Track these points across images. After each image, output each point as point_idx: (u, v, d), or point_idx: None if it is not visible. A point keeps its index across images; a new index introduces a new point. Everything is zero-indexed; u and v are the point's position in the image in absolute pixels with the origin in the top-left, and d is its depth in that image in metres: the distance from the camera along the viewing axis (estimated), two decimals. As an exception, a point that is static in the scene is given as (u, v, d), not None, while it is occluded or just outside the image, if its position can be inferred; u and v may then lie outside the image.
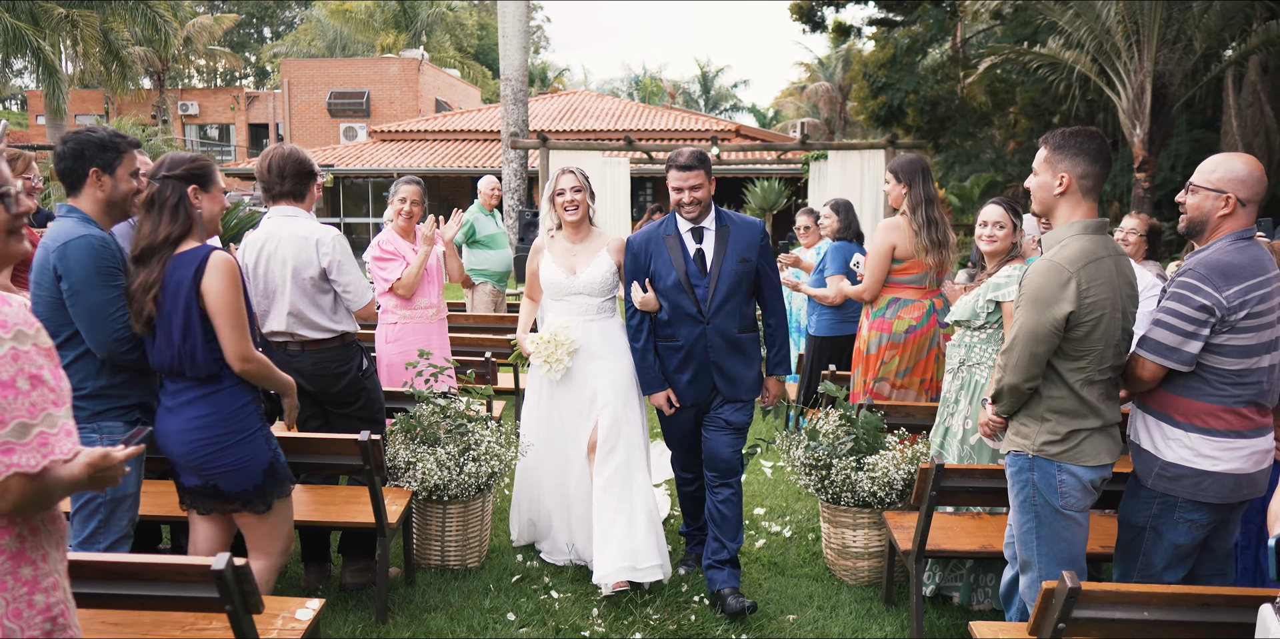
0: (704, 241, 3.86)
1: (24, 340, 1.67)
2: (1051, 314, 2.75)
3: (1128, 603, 2.36)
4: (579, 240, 4.12)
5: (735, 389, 3.89)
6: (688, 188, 3.80)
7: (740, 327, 3.86)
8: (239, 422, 2.87)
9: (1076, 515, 2.87)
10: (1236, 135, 16.71)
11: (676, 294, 3.84)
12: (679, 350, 3.88)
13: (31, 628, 1.72)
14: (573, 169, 4.08)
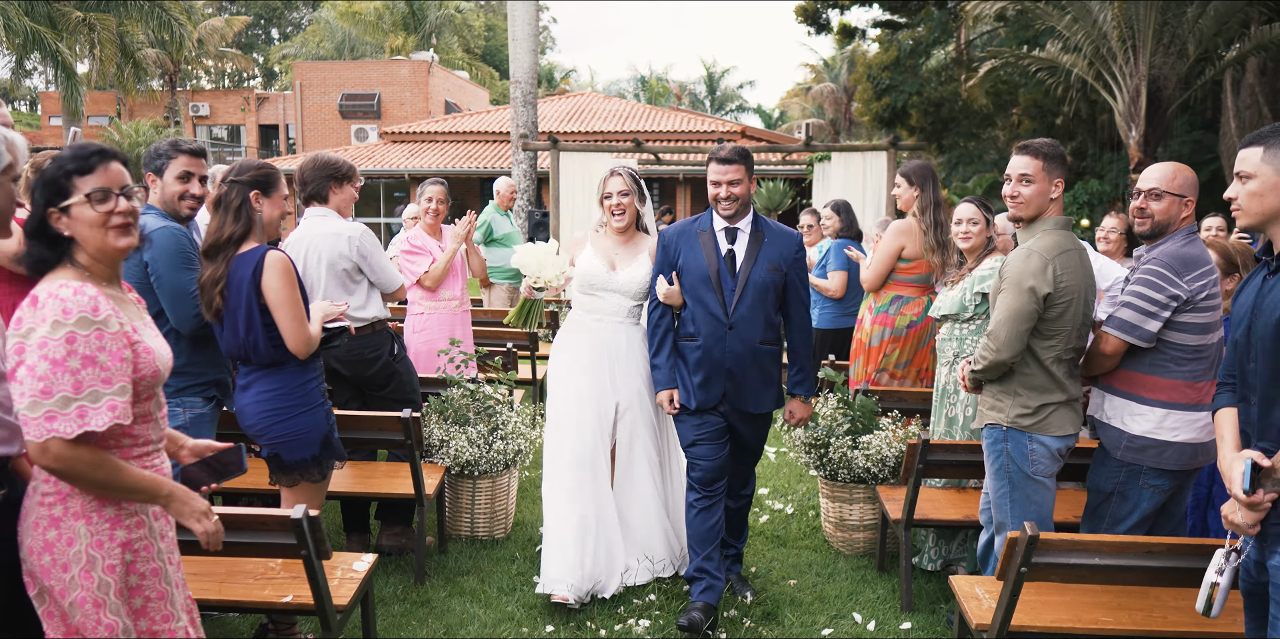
0: (736, 243, 3.74)
1: (86, 326, 2.00)
2: (1033, 295, 3.12)
3: (1080, 550, 2.72)
4: (624, 242, 4.03)
5: (745, 403, 3.75)
6: (726, 182, 3.67)
7: (763, 337, 3.73)
8: (302, 396, 3.22)
9: (1045, 481, 3.23)
10: (1235, 136, 16.99)
11: (703, 290, 3.71)
12: (697, 350, 3.73)
13: (110, 557, 2.09)
14: (620, 171, 3.96)
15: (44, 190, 2.07)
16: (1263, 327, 2.31)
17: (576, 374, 4.01)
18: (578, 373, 4.01)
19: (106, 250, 2.12)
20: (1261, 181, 2.31)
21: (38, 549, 2.07)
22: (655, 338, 3.86)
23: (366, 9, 39.36)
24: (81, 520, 2.07)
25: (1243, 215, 2.39)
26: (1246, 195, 2.35)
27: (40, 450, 1.97)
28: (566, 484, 3.95)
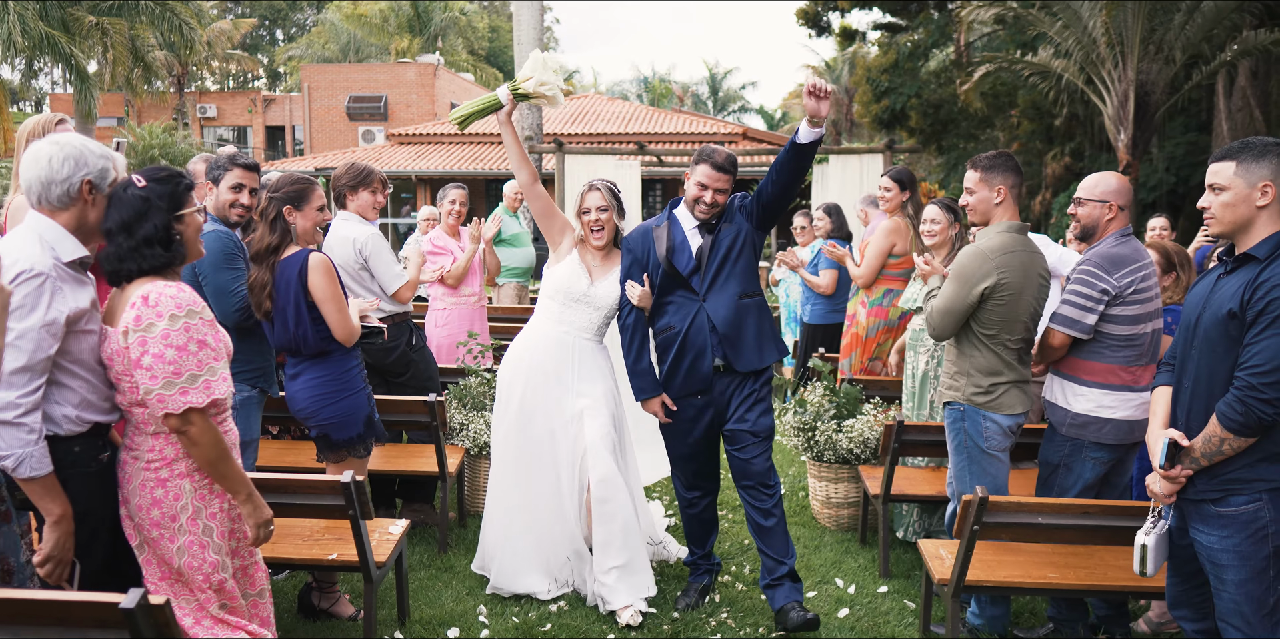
0: (708, 238, 3.76)
1: (194, 316, 2.46)
2: (969, 290, 3.53)
3: (1025, 511, 3.13)
4: (604, 258, 4.02)
5: (744, 356, 3.70)
6: (714, 189, 3.64)
7: (741, 291, 3.70)
8: (347, 381, 3.63)
9: (999, 455, 3.64)
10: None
11: (671, 284, 3.73)
12: (676, 337, 3.72)
13: (211, 506, 2.56)
14: (599, 185, 3.93)
15: (169, 203, 2.51)
16: (1209, 319, 2.70)
17: (536, 383, 3.94)
18: (538, 381, 3.94)
19: (194, 252, 2.58)
20: (1234, 194, 2.66)
21: (145, 505, 2.50)
22: (633, 345, 3.80)
23: (372, 11, 39.81)
24: (186, 479, 2.50)
25: (1216, 223, 2.72)
26: (1220, 206, 2.69)
27: (181, 420, 2.40)
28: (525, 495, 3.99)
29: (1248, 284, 2.57)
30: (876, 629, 3.80)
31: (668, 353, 3.76)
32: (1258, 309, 2.52)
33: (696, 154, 3.70)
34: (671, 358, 3.74)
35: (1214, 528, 2.62)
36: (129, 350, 2.42)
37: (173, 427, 2.43)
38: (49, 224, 2.49)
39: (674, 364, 3.74)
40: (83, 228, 2.53)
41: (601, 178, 3.97)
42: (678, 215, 3.79)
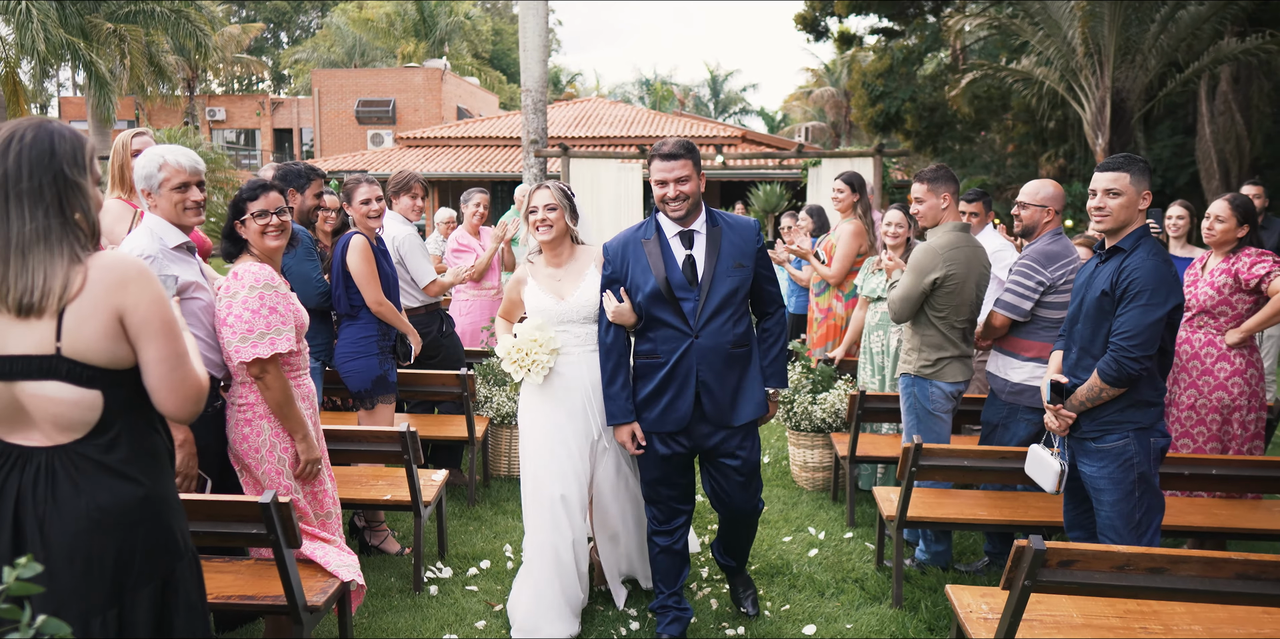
0: (694, 247, 3.45)
1: (269, 288, 3.17)
2: (923, 280, 4.24)
3: (954, 456, 3.84)
4: (561, 263, 3.67)
5: (729, 415, 3.46)
6: (673, 181, 3.37)
7: (734, 341, 3.43)
8: (362, 346, 4.45)
9: (943, 416, 4.35)
10: (1209, 141, 18.11)
11: (657, 305, 3.41)
12: (659, 368, 3.44)
13: (283, 442, 3.24)
14: (549, 184, 3.66)
15: (230, 209, 3.22)
16: (1088, 300, 3.41)
17: (548, 412, 3.67)
18: (549, 411, 3.67)
19: (263, 248, 3.28)
20: (1127, 198, 3.34)
21: (239, 440, 3.21)
22: (609, 365, 3.52)
23: (378, 16, 40.54)
24: (265, 420, 3.21)
25: (1110, 221, 3.36)
26: (1118, 207, 3.34)
27: (258, 368, 3.11)
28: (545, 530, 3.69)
29: (1116, 270, 3.28)
30: (840, 565, 4.50)
31: (645, 382, 3.48)
32: (1123, 288, 3.23)
33: (649, 154, 3.46)
34: (650, 390, 3.47)
35: (1094, 461, 3.33)
36: (219, 310, 3.14)
37: (252, 374, 3.13)
38: (156, 218, 3.22)
39: (651, 398, 3.48)
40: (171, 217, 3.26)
41: (555, 180, 3.72)
42: (662, 225, 3.50)
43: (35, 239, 1.91)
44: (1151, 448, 3.26)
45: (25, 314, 1.90)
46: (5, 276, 1.90)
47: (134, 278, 1.98)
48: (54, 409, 1.94)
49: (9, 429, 1.97)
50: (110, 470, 1.97)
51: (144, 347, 1.98)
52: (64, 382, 1.92)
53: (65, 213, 1.96)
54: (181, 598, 2.10)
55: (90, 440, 1.97)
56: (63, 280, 1.91)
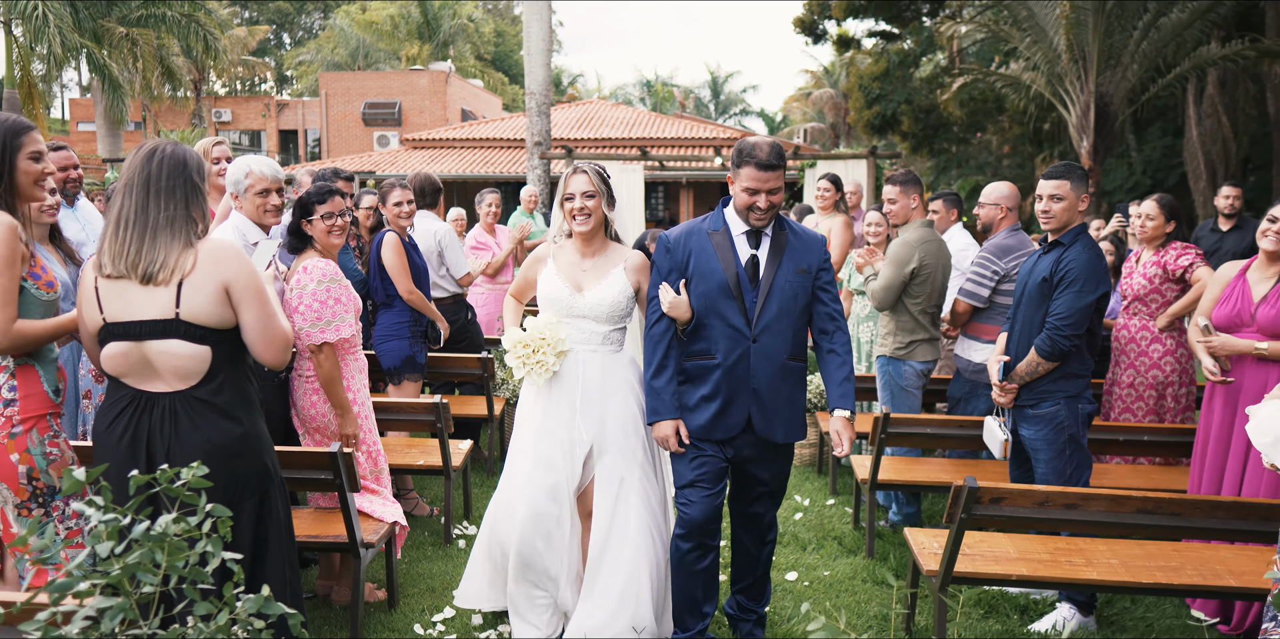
0: (760, 248, 3.29)
1: (334, 282, 3.72)
2: (902, 270, 4.79)
3: (918, 424, 4.39)
4: (591, 254, 3.47)
5: (773, 429, 3.27)
6: (765, 191, 3.16)
7: (790, 352, 3.26)
8: (394, 330, 5.01)
9: (914, 391, 4.90)
10: (1197, 143, 18.65)
11: (721, 300, 3.22)
12: (713, 370, 3.23)
13: None
14: (586, 168, 3.40)
15: (297, 209, 3.77)
16: (1030, 286, 3.95)
17: (540, 413, 3.48)
18: (541, 411, 3.48)
19: (327, 244, 3.83)
20: (1069, 202, 3.89)
21: (306, 406, 3.77)
22: (656, 356, 3.30)
23: (382, 18, 41.11)
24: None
25: (1055, 221, 3.90)
26: (1060, 209, 3.88)
27: (317, 349, 3.65)
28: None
29: (1056, 260, 3.83)
30: (821, 526, 5.05)
31: (697, 386, 3.28)
32: (1060, 276, 3.78)
33: (735, 154, 3.22)
34: (703, 394, 3.26)
35: (1032, 425, 3.88)
36: (291, 300, 3.69)
37: (312, 351, 3.69)
38: (241, 217, 3.77)
39: (704, 401, 3.27)
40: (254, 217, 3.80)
41: (591, 162, 3.44)
42: (729, 221, 3.33)
43: (165, 224, 2.47)
44: (1079, 413, 3.81)
45: (147, 282, 2.46)
46: (140, 250, 2.46)
47: (234, 257, 2.54)
48: (174, 362, 2.49)
49: (138, 379, 2.53)
50: (218, 410, 2.53)
51: (243, 310, 2.54)
52: (182, 340, 2.48)
53: (188, 208, 2.52)
54: (273, 513, 2.67)
55: (202, 386, 2.53)
56: (179, 258, 2.47)
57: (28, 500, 2.65)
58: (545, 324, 3.37)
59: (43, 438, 2.64)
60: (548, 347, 3.35)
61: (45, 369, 2.70)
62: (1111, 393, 5.01)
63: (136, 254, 2.44)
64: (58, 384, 2.73)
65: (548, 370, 3.36)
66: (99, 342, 2.52)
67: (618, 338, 3.48)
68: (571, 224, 3.40)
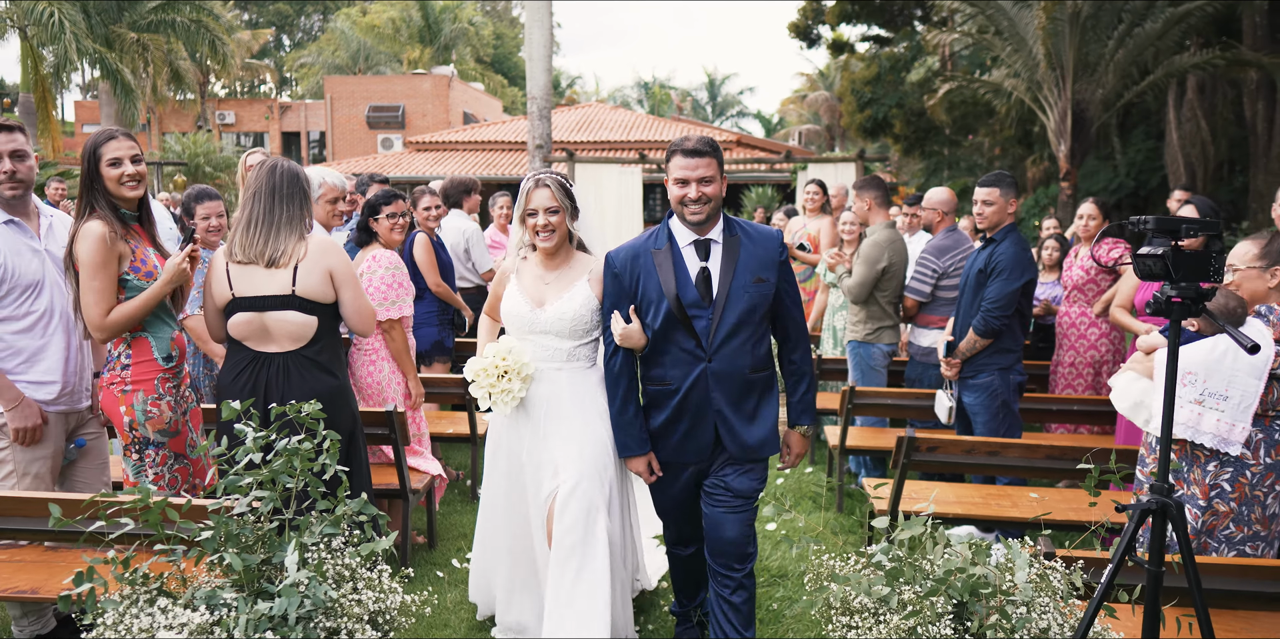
0: (710, 258, 3.11)
1: (398, 270, 4.42)
2: (875, 268, 5.49)
3: (878, 397, 5.10)
4: (555, 267, 3.31)
5: (744, 447, 3.12)
6: (695, 180, 3.02)
7: (752, 364, 3.10)
8: (426, 316, 5.66)
9: (880, 370, 5.61)
10: (1176, 147, 19.38)
11: (668, 326, 3.09)
12: (672, 396, 3.13)
13: (397, 376, 4.49)
14: (548, 181, 3.22)
15: (366, 209, 4.47)
16: (970, 277, 4.66)
17: (508, 440, 3.38)
18: (508, 439, 3.38)
19: (389, 240, 4.55)
20: (998, 205, 4.60)
21: (365, 375, 4.47)
22: (619, 390, 3.19)
23: (383, 21, 41.78)
24: (385, 362, 4.47)
25: (986, 222, 4.62)
26: (991, 212, 4.60)
27: (388, 324, 4.36)
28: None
29: (989, 254, 4.54)
30: (800, 488, 5.76)
31: (659, 412, 3.18)
32: (992, 267, 4.49)
33: (668, 149, 3.12)
34: (664, 420, 3.17)
35: (971, 393, 4.59)
36: (361, 284, 4.39)
37: (384, 329, 4.39)
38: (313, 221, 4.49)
39: (666, 427, 3.18)
40: (323, 220, 4.51)
41: (549, 171, 3.27)
42: (675, 233, 3.16)
43: (285, 222, 3.18)
44: (1011, 383, 4.53)
45: (270, 266, 3.16)
46: (266, 242, 3.16)
47: (335, 250, 3.26)
48: (289, 328, 3.19)
49: (257, 342, 3.23)
50: (320, 367, 3.23)
51: (342, 290, 3.24)
52: (296, 311, 3.18)
53: (301, 210, 3.23)
54: (357, 450, 3.38)
55: (309, 348, 3.23)
56: (295, 248, 3.17)
57: (129, 445, 3.34)
58: (505, 348, 3.20)
59: (147, 398, 3.31)
60: (513, 372, 3.17)
61: (158, 341, 3.37)
62: (1056, 372, 5.72)
63: (264, 245, 3.14)
64: (170, 352, 3.39)
65: (514, 398, 3.18)
66: (224, 314, 3.23)
67: (585, 354, 3.30)
68: (535, 240, 3.25)
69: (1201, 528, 3.13)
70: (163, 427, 3.31)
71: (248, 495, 2.50)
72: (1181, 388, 3.07)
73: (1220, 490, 3.11)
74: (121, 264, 3.22)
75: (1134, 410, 3.34)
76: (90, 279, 3.14)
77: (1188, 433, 3.09)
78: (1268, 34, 16.54)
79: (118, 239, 3.20)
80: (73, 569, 3.17)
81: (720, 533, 3.16)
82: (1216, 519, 3.12)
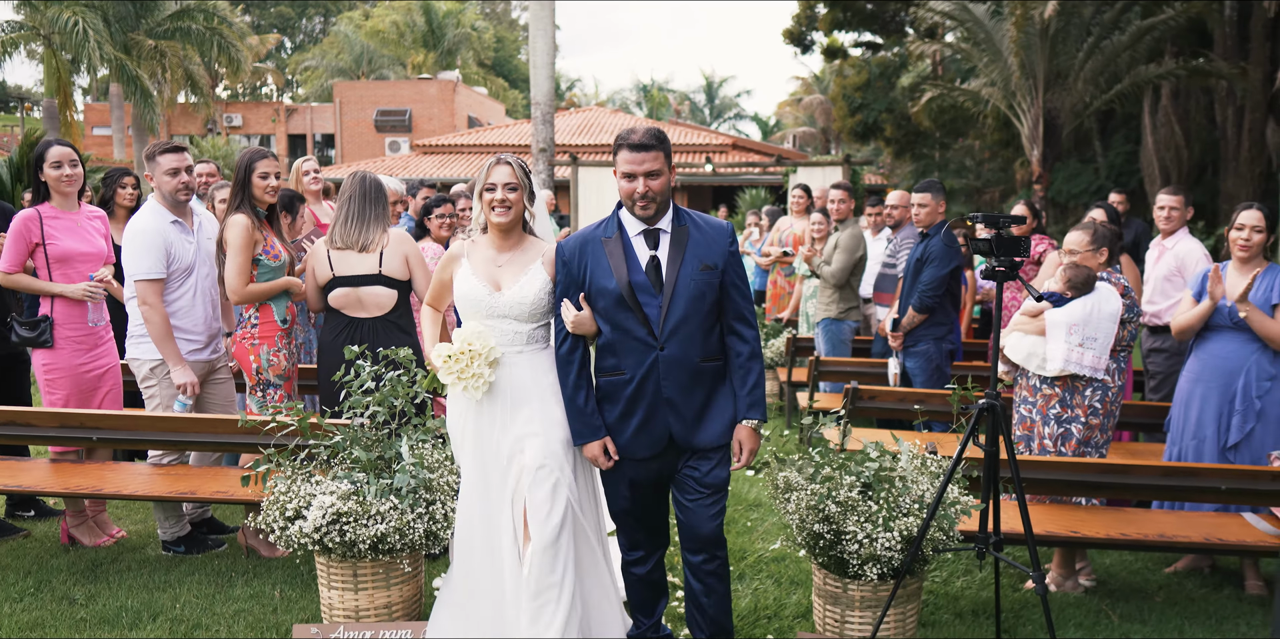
0: (660, 247, 3.14)
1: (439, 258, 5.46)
2: (854, 255, 6.55)
3: (840, 365, 6.15)
4: (508, 248, 3.31)
5: (695, 436, 3.15)
6: (642, 174, 3.04)
7: (702, 354, 3.13)
8: None
9: (848, 343, 6.67)
10: (1151, 151, 20.43)
11: (619, 313, 3.11)
12: (625, 385, 3.14)
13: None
14: (510, 160, 3.27)
15: (421, 210, 5.51)
16: (910, 265, 5.71)
17: (473, 428, 3.31)
18: (474, 427, 3.31)
19: (439, 236, 5.58)
20: (930, 208, 5.66)
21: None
22: (570, 377, 3.20)
23: (387, 26, 42.77)
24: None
25: (922, 222, 5.71)
26: (925, 214, 5.68)
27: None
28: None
29: (925, 247, 5.59)
30: (779, 448, 6.78)
31: (613, 403, 3.19)
32: (926, 257, 5.54)
33: (615, 141, 3.13)
34: (620, 412, 3.18)
35: (911, 359, 5.65)
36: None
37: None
38: None
39: (622, 419, 3.18)
40: None
41: (512, 154, 3.34)
42: (624, 222, 3.19)
43: (374, 218, 4.22)
44: (943, 350, 5.58)
45: (362, 251, 4.19)
46: (360, 233, 4.19)
47: (408, 240, 4.30)
48: (377, 300, 4.23)
49: (353, 310, 4.25)
50: (400, 329, 4.27)
51: (415, 271, 4.28)
52: (382, 286, 4.21)
53: (384, 209, 4.27)
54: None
55: (391, 314, 4.26)
56: (380, 237, 4.21)
57: (255, 386, 4.39)
58: (472, 334, 3.20)
59: (270, 350, 4.37)
60: (480, 358, 3.18)
61: (277, 306, 4.41)
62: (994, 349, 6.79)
63: (358, 235, 4.18)
64: (285, 316, 4.44)
65: (485, 383, 3.19)
66: (324, 290, 4.26)
67: (542, 335, 3.32)
68: (490, 215, 3.25)
69: (1082, 439, 4.16)
70: (280, 372, 4.36)
71: (365, 412, 3.54)
72: (1069, 336, 4.11)
73: (1093, 409, 4.15)
74: (255, 248, 4.27)
75: (1028, 359, 4.35)
76: (235, 257, 4.20)
77: (1074, 367, 4.09)
78: (1237, 43, 17.54)
79: (255, 229, 4.24)
80: (213, 480, 4.24)
81: (694, 524, 3.18)
82: (1091, 431, 4.16)
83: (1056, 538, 3.86)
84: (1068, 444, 4.18)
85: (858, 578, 3.37)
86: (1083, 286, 4.13)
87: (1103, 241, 4.13)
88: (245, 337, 4.35)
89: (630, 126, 3.22)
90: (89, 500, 4.54)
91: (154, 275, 4.26)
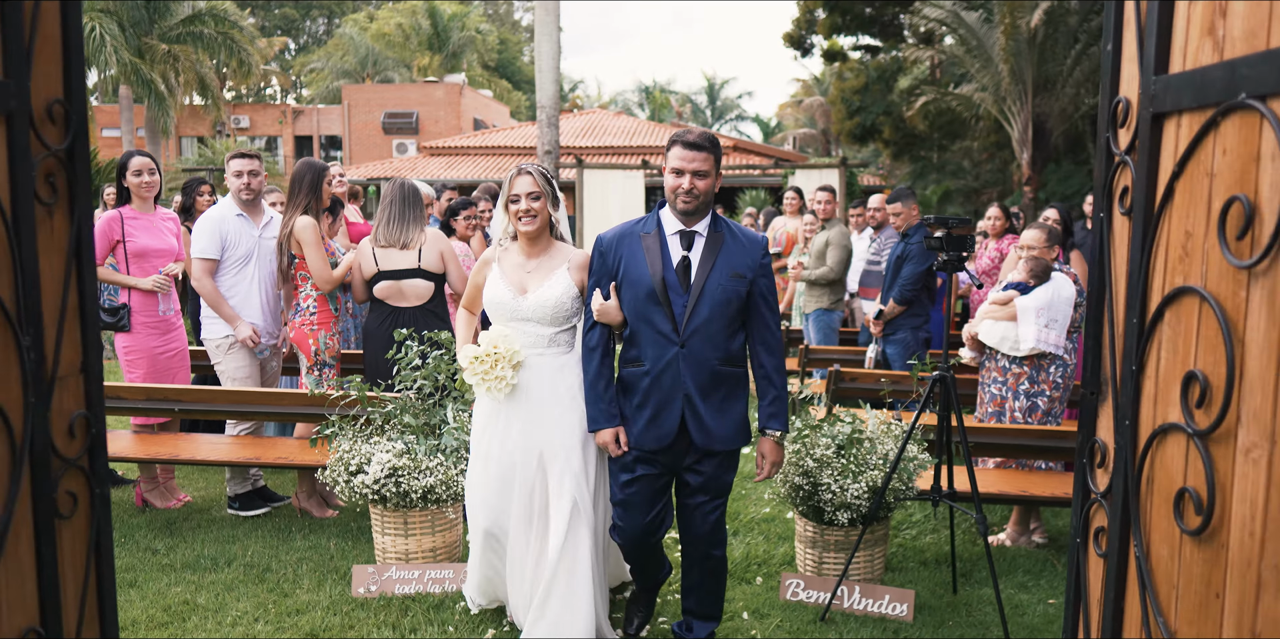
0: (693, 249, 3.24)
1: (467, 256, 5.99)
2: (845, 252, 7.16)
3: (827, 353, 6.76)
4: (536, 255, 3.45)
5: (704, 436, 3.21)
6: (690, 172, 3.14)
7: (723, 357, 3.20)
8: None
9: (835, 332, 7.27)
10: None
11: (648, 305, 3.20)
12: (642, 377, 3.23)
13: None
14: (530, 169, 3.40)
15: (447, 212, 6.12)
16: (891, 262, 6.32)
17: (494, 419, 3.46)
18: (494, 417, 3.46)
19: (463, 235, 6.18)
20: (905, 213, 6.28)
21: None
22: (592, 365, 3.31)
23: (393, 28, 43.34)
24: None
25: (900, 228, 6.33)
26: (900, 219, 6.29)
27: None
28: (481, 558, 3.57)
29: (904, 246, 6.20)
30: (770, 428, 7.41)
31: (630, 395, 3.29)
32: (905, 255, 6.15)
33: (670, 138, 3.22)
34: (635, 403, 3.27)
35: (892, 345, 6.25)
36: None
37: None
38: None
39: (636, 410, 3.27)
40: None
41: (534, 163, 3.49)
42: (663, 221, 3.30)
43: (413, 219, 4.83)
44: (919, 338, 6.19)
45: (403, 248, 4.79)
46: (401, 231, 4.79)
47: (443, 238, 4.91)
48: (416, 291, 4.83)
49: (395, 300, 4.86)
50: (436, 316, 4.87)
51: (449, 265, 4.88)
52: (420, 279, 4.82)
53: (421, 211, 4.88)
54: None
55: (428, 303, 4.87)
56: (419, 235, 4.81)
57: (313, 366, 5.00)
58: (498, 336, 3.33)
59: (325, 333, 4.98)
60: (504, 360, 3.29)
61: (330, 298, 5.04)
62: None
63: (399, 234, 4.79)
64: (337, 305, 5.06)
65: (507, 385, 3.31)
66: (369, 282, 4.86)
67: (565, 339, 3.42)
68: (517, 225, 3.39)
69: (1046, 410, 4.76)
70: (335, 354, 4.97)
71: (413, 385, 4.15)
72: (1037, 318, 4.71)
73: (1056, 383, 4.76)
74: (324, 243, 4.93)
75: (1001, 342, 4.95)
76: (314, 251, 4.83)
77: (1043, 345, 4.68)
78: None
79: (319, 226, 4.87)
80: (273, 449, 4.85)
81: (692, 527, 3.31)
82: (1053, 403, 4.76)
83: (1008, 496, 4.46)
84: (1034, 415, 4.78)
85: (832, 524, 3.99)
86: (1042, 275, 4.75)
87: (1055, 239, 4.74)
88: (305, 323, 4.96)
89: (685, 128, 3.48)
90: (161, 468, 5.15)
91: (206, 255, 4.92)
